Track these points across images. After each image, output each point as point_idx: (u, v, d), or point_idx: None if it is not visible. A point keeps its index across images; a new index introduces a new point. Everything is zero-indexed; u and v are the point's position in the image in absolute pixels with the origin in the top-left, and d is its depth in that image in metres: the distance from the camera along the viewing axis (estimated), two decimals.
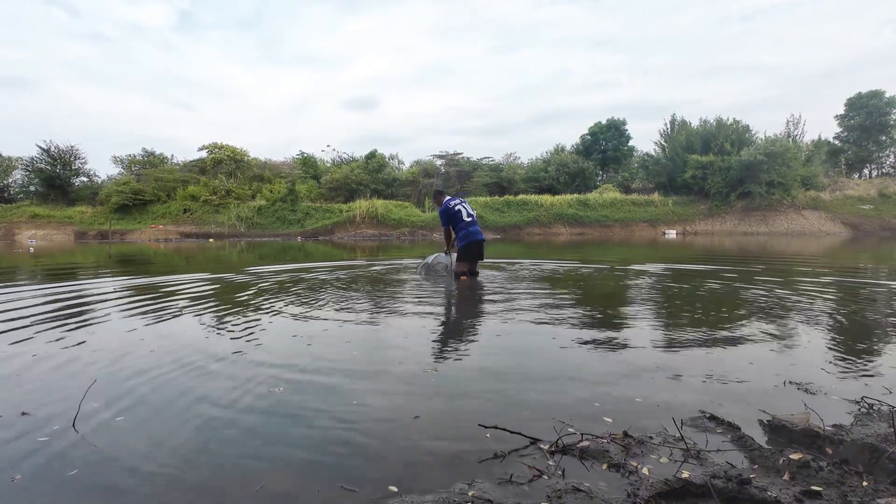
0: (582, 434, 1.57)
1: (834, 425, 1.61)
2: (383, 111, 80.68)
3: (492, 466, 1.40)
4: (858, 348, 2.69)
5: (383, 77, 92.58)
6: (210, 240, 23.64)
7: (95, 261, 10.71)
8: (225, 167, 30.35)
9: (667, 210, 27.96)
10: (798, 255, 10.40)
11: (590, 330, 3.15)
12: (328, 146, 52.05)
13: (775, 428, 1.62)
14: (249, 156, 32.26)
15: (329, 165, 34.79)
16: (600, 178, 34.67)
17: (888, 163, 34.68)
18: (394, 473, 1.38)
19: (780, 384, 2.07)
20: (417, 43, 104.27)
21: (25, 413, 1.82)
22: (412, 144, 74.14)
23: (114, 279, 6.62)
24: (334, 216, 26.66)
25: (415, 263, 7.56)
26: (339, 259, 10.16)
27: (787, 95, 67.65)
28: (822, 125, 79.28)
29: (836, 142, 34.28)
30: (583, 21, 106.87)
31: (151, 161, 33.03)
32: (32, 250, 15.68)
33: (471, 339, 3.04)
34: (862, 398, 1.86)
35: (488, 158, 34.20)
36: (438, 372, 2.31)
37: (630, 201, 28.32)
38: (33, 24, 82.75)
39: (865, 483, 1.25)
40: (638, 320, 3.50)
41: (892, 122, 32.08)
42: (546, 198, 27.85)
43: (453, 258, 5.88)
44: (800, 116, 33.99)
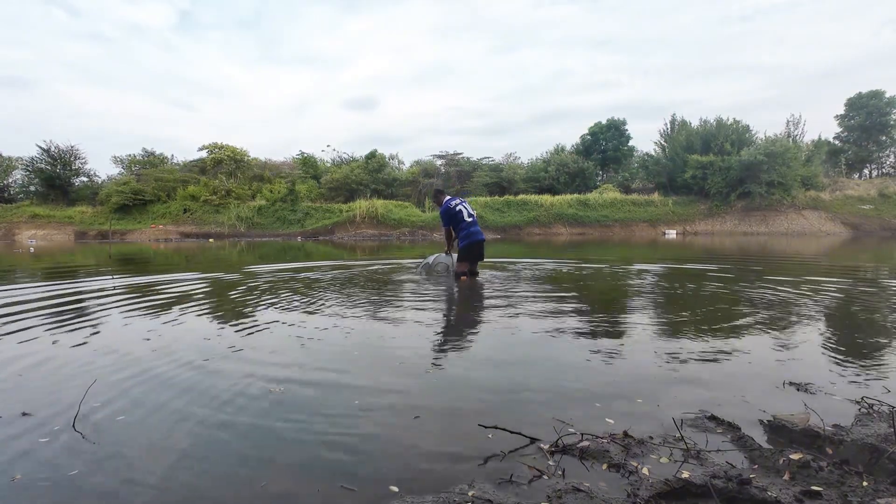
0: (582, 434, 1.57)
1: (834, 425, 1.61)
2: (383, 111, 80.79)
3: (492, 466, 1.40)
4: (858, 348, 2.69)
5: (383, 77, 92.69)
6: (210, 240, 23.64)
7: (95, 261, 10.71)
8: (225, 167, 30.36)
9: (667, 210, 27.96)
10: (798, 255, 10.40)
11: (590, 330, 3.15)
12: (328, 146, 52.12)
13: (775, 428, 1.62)
14: (249, 156, 32.28)
15: (329, 165, 34.81)
16: (600, 178, 34.68)
17: (888, 163, 34.70)
18: (394, 473, 1.38)
19: (780, 384, 2.07)
20: (417, 43, 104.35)
21: (26, 413, 1.82)
22: (412, 144, 74.25)
23: (114, 279, 6.62)
24: (334, 216, 26.67)
25: (415, 263, 7.56)
26: (339, 259, 10.16)
27: (787, 95, 67.73)
28: (822, 125, 79.39)
29: (837, 142, 34.28)
30: (583, 21, 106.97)
31: (151, 161, 33.05)
32: (32, 250, 15.68)
33: (471, 339, 3.04)
34: (862, 398, 1.86)
35: (488, 158, 34.25)
36: (439, 372, 2.31)
37: (630, 201, 28.32)
38: (33, 24, 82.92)
39: (865, 483, 1.25)
40: (638, 320, 3.50)
41: (893, 122, 32.08)
42: (546, 198, 27.86)
43: (454, 258, 5.88)
44: (800, 116, 34.02)
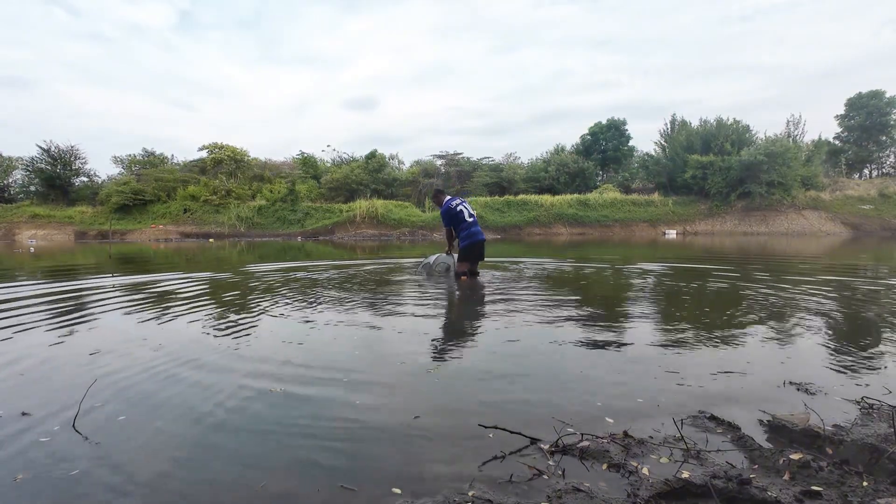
0: (582, 434, 1.57)
1: (834, 425, 1.61)
2: (383, 111, 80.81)
3: (492, 466, 1.40)
4: (858, 348, 2.69)
5: (383, 77, 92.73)
6: (210, 240, 23.64)
7: (96, 261, 10.71)
8: (225, 167, 30.35)
9: (667, 210, 27.96)
10: (798, 255, 10.40)
11: (590, 329, 3.15)
12: (328, 146, 52.08)
13: (775, 428, 1.62)
14: (249, 156, 32.28)
15: (329, 165, 34.81)
16: (600, 178, 34.67)
17: (888, 163, 34.70)
18: (394, 473, 1.38)
19: (780, 384, 2.07)
20: (417, 43, 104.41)
21: (26, 413, 1.82)
22: (412, 144, 74.27)
23: (114, 278, 6.62)
24: (334, 216, 26.67)
25: (415, 263, 7.56)
26: (340, 259, 10.16)
27: (787, 95, 67.77)
28: (823, 125, 79.39)
29: (837, 142, 34.28)
30: (583, 21, 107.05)
31: (151, 161, 33.04)
32: (33, 250, 15.69)
33: (471, 339, 3.04)
34: (862, 398, 1.86)
35: (488, 158, 34.24)
36: (439, 372, 2.31)
37: (630, 201, 28.32)
38: (33, 24, 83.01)
39: (865, 483, 1.25)
40: (638, 320, 3.50)
41: (893, 122, 32.09)
42: (546, 198, 27.85)
43: (454, 258, 5.88)
44: (800, 116, 33.94)
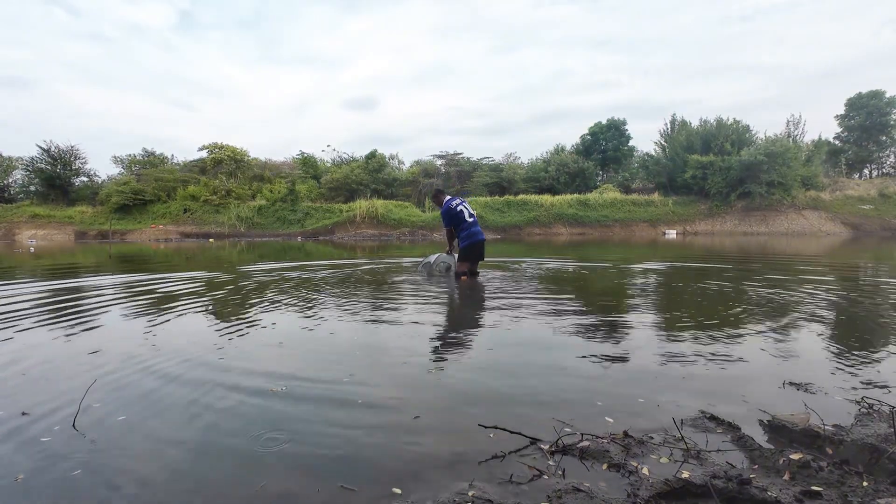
0: (582, 434, 1.57)
1: (834, 425, 1.60)
2: (383, 111, 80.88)
3: (492, 466, 1.40)
4: (859, 348, 2.69)
5: (383, 77, 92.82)
6: (210, 240, 23.64)
7: (96, 261, 10.71)
8: (225, 167, 30.35)
9: (667, 210, 27.96)
10: (798, 255, 10.40)
11: (590, 329, 3.15)
12: (328, 146, 52.10)
13: (775, 428, 1.62)
14: (249, 156, 32.28)
15: (329, 165, 34.80)
16: (600, 178, 34.66)
17: (888, 163, 34.70)
18: (394, 473, 1.38)
19: (780, 384, 2.07)
20: (417, 43, 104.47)
21: (26, 413, 1.82)
22: (412, 144, 74.32)
23: (114, 278, 6.62)
24: (334, 216, 26.66)
25: (415, 263, 7.55)
26: (340, 259, 10.16)
27: (787, 95, 67.84)
28: (823, 125, 79.46)
29: (837, 142, 34.27)
30: (583, 21, 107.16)
31: (151, 161, 33.03)
32: (33, 250, 15.69)
33: (472, 339, 3.04)
34: (862, 398, 1.86)
35: (488, 158, 34.24)
36: (439, 372, 2.31)
37: (630, 201, 28.31)
38: (33, 24, 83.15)
39: (866, 483, 1.25)
40: (638, 319, 3.50)
41: (893, 122, 32.08)
42: (546, 198, 27.85)
43: (455, 258, 5.88)
44: (800, 116, 33.99)
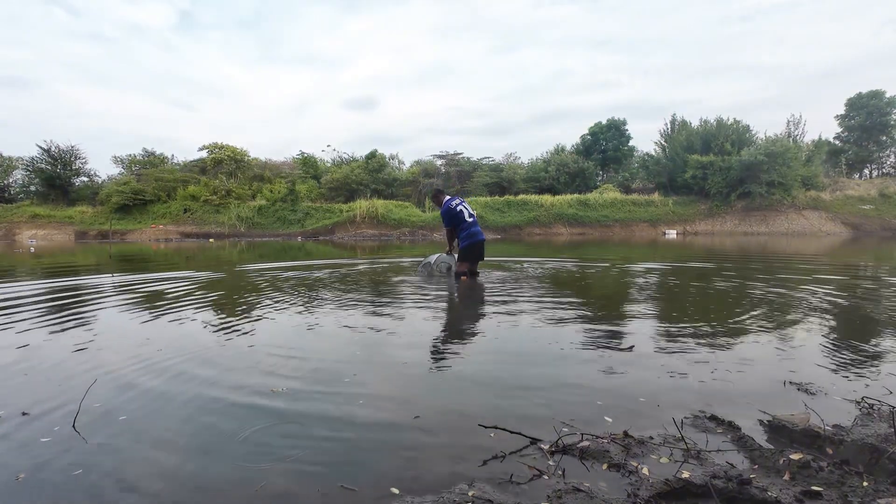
0: (582, 434, 1.57)
1: (834, 425, 1.60)
2: (383, 111, 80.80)
3: (492, 466, 1.40)
4: (859, 348, 2.69)
5: (383, 77, 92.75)
6: (210, 240, 23.64)
7: (96, 260, 10.72)
8: (225, 167, 30.35)
9: (667, 210, 27.95)
10: (798, 255, 10.40)
11: (590, 329, 3.15)
12: (328, 146, 52.04)
13: (775, 428, 1.62)
14: (249, 156, 32.27)
15: (329, 165, 34.80)
16: (600, 178, 34.65)
17: (888, 163, 34.69)
18: (394, 473, 1.38)
19: (781, 384, 2.07)
20: (417, 43, 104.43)
21: (26, 413, 1.82)
22: (412, 144, 74.30)
23: (113, 278, 6.62)
24: (334, 216, 26.66)
25: (415, 262, 7.55)
26: (340, 258, 10.16)
27: (787, 95, 67.81)
28: (823, 125, 79.46)
29: (837, 142, 34.26)
30: (583, 21, 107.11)
31: (152, 161, 33.02)
32: (33, 250, 15.69)
33: (471, 339, 3.04)
34: (862, 398, 1.86)
35: (488, 158, 34.23)
36: (440, 372, 2.31)
37: (630, 201, 28.31)
38: (33, 24, 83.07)
39: (866, 483, 1.25)
40: (638, 320, 3.50)
41: (893, 122, 32.07)
42: (546, 198, 27.84)
43: (455, 258, 5.87)
44: (800, 116, 33.91)
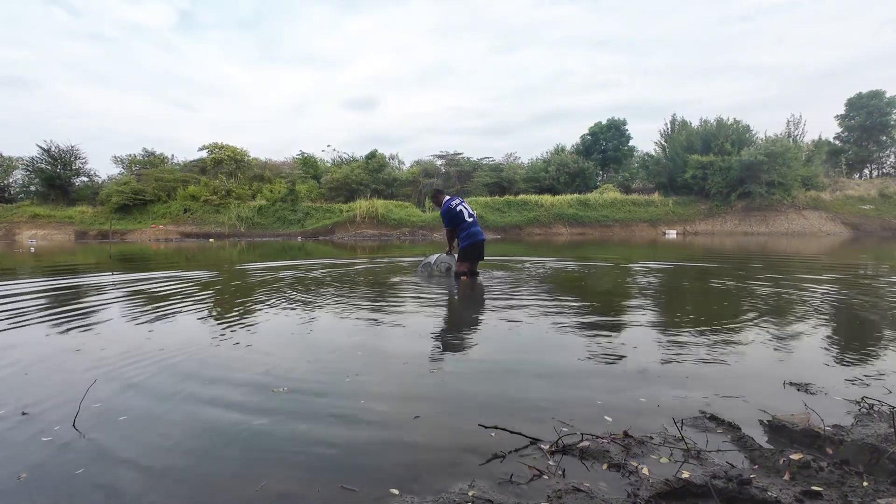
0: (582, 434, 1.57)
1: (834, 425, 1.60)
2: (383, 111, 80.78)
3: (492, 466, 1.40)
4: (859, 348, 2.69)
5: (383, 77, 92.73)
6: (210, 240, 23.64)
7: (96, 260, 10.71)
8: (225, 167, 30.35)
9: (667, 210, 27.95)
10: (798, 255, 10.40)
11: (591, 329, 3.15)
12: (328, 146, 52.06)
13: (775, 428, 1.62)
14: (249, 156, 32.27)
15: (329, 165, 34.79)
16: (600, 178, 34.65)
17: (889, 163, 34.68)
18: (394, 473, 1.38)
19: (781, 384, 2.07)
20: (417, 43, 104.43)
21: (26, 413, 1.82)
22: (412, 144, 74.30)
23: (113, 278, 6.62)
24: (334, 216, 26.66)
25: (415, 262, 7.55)
26: (340, 258, 10.16)
27: (787, 95, 67.82)
28: (823, 125, 79.45)
29: (837, 142, 34.26)
30: (583, 21, 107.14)
31: (152, 161, 33.01)
32: (33, 250, 15.69)
33: (472, 339, 3.04)
34: (862, 398, 1.86)
35: (488, 158, 34.23)
36: (440, 372, 2.31)
37: (630, 201, 28.31)
38: (33, 24, 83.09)
39: (866, 483, 1.25)
40: (638, 319, 3.50)
41: (893, 123, 32.06)
42: (546, 198, 27.84)
43: (455, 258, 5.87)
44: (800, 116, 33.87)
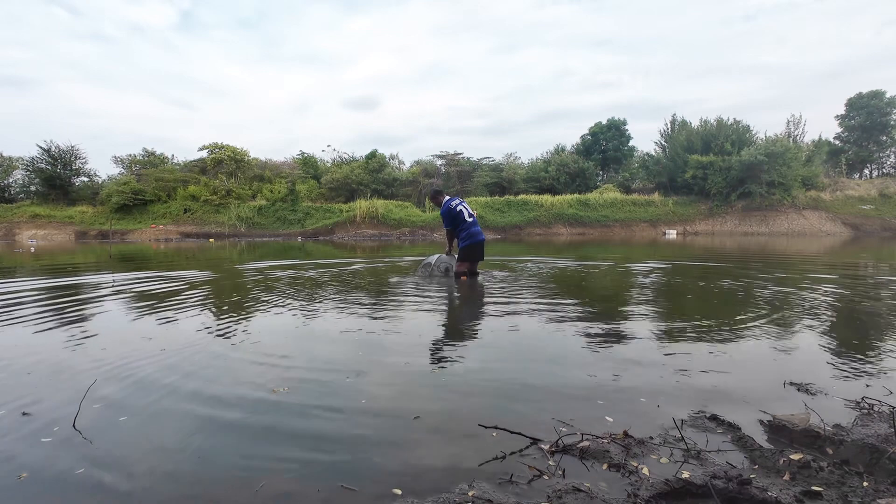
0: (582, 434, 1.57)
1: (834, 426, 1.61)
2: (384, 111, 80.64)
3: (492, 466, 1.40)
4: (859, 348, 2.69)
5: (384, 77, 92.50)
6: (210, 240, 23.65)
7: (96, 260, 10.72)
8: (225, 167, 30.34)
9: (667, 210, 27.94)
10: (798, 255, 10.40)
11: (591, 329, 3.15)
12: (329, 146, 52.02)
13: (776, 428, 1.62)
14: (250, 156, 32.22)
15: (329, 165, 34.76)
16: (601, 179, 34.63)
17: (889, 163, 34.64)
18: (394, 473, 1.38)
19: (781, 384, 2.07)
20: (418, 43, 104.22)
21: (26, 413, 1.82)
22: (412, 144, 74.30)
23: (113, 277, 6.62)
24: (335, 216, 26.66)
25: (415, 262, 7.55)
26: (340, 258, 10.16)
27: (788, 95, 67.72)
28: (823, 125, 79.51)
29: (837, 142, 34.24)
30: (583, 21, 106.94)
31: (152, 161, 33.01)
32: (33, 250, 15.70)
33: (472, 340, 3.04)
34: (862, 398, 1.86)
35: (489, 158, 34.18)
36: (440, 372, 2.31)
37: (630, 201, 28.29)
38: (34, 24, 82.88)
39: (866, 483, 1.25)
40: (639, 320, 3.50)
41: (893, 123, 32.03)
42: (546, 198, 27.83)
43: (455, 259, 5.87)
44: (800, 116, 33.79)
